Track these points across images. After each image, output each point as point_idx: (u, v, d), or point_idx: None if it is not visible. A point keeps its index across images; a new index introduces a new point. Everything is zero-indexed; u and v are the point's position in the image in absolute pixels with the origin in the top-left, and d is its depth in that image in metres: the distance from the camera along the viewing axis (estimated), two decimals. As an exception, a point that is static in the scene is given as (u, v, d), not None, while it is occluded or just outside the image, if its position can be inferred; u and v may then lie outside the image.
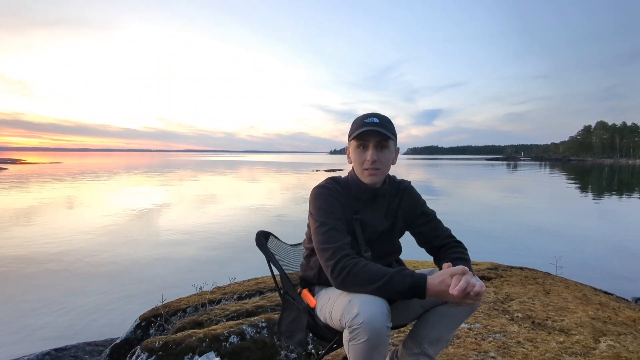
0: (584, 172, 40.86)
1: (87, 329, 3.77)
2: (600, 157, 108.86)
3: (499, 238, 8.11)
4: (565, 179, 29.72)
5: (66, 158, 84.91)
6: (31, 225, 8.79)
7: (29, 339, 3.56)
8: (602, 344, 1.98)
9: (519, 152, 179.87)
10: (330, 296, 1.24)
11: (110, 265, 5.85)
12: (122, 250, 6.72)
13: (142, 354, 1.78)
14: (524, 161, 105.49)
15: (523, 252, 6.84)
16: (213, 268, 5.73)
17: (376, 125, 1.23)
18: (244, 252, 6.65)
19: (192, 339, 1.86)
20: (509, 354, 1.87)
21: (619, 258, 6.56)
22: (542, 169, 50.18)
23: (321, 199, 1.27)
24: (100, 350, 2.82)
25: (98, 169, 37.35)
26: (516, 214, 11.58)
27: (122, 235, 7.91)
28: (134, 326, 2.40)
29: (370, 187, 1.30)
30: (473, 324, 2.28)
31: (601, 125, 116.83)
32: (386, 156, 1.27)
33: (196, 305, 2.55)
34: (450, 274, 1.05)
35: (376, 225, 1.34)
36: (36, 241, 7.18)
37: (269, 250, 1.47)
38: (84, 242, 7.19)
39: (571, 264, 5.13)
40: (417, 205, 1.41)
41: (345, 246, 1.18)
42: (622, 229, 9.52)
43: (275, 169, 41.86)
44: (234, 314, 2.32)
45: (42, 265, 5.78)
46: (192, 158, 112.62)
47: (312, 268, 1.37)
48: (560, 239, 7.98)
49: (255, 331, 1.98)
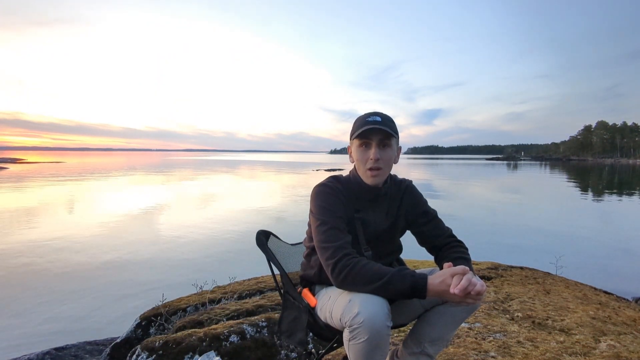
0: (584, 172, 40.82)
1: (87, 328, 3.77)
2: (601, 156, 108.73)
3: (499, 238, 8.10)
4: (566, 178, 29.70)
5: (66, 157, 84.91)
6: (31, 224, 8.80)
7: (30, 338, 3.56)
8: (603, 344, 1.98)
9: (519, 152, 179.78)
10: (330, 295, 1.24)
11: (111, 264, 5.85)
12: (123, 249, 6.72)
13: (143, 353, 1.78)
14: (524, 161, 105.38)
15: (523, 252, 6.84)
16: (213, 267, 5.74)
17: (378, 123, 1.23)
18: (245, 252, 6.65)
19: (192, 338, 1.86)
20: (509, 353, 1.87)
21: (619, 258, 6.55)
22: (543, 168, 50.15)
23: (322, 197, 1.27)
24: (100, 349, 2.82)
25: (98, 168, 37.36)
26: (516, 214, 11.58)
27: (123, 235, 7.91)
28: (134, 325, 2.40)
29: (372, 187, 1.30)
30: (473, 323, 2.28)
31: (602, 125, 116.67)
32: (388, 155, 1.27)
33: (196, 305, 2.55)
34: (451, 273, 1.05)
35: (377, 224, 1.34)
36: (37, 241, 7.19)
37: (270, 249, 1.47)
38: (85, 242, 7.20)
39: (571, 264, 5.13)
40: (419, 205, 1.41)
41: (346, 245, 1.18)
42: (622, 228, 9.51)
43: (276, 169, 41.85)
44: (234, 313, 2.32)
45: (42, 264, 5.78)
46: (193, 157, 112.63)
47: (313, 267, 1.37)
48: (561, 239, 7.97)
49: (256, 330, 1.98)
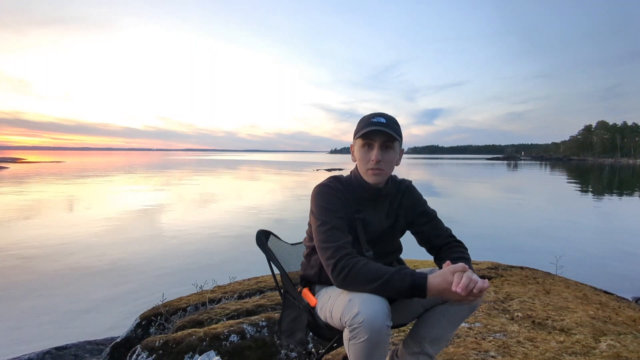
0: (585, 172, 40.81)
1: (87, 327, 3.78)
2: (601, 156, 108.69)
3: (499, 237, 8.10)
4: (566, 178, 29.69)
5: (67, 157, 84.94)
6: (32, 224, 8.80)
7: (30, 337, 3.57)
8: (603, 344, 1.98)
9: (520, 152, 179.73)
10: (330, 295, 1.24)
11: (111, 263, 5.85)
12: (123, 249, 6.73)
13: (143, 353, 1.78)
14: (525, 161, 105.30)
15: (523, 252, 6.84)
16: (213, 267, 5.74)
17: (382, 125, 1.23)
18: (245, 251, 6.65)
19: (192, 337, 1.86)
20: (509, 353, 1.87)
21: (619, 258, 6.55)
22: (543, 168, 50.14)
23: (323, 197, 1.27)
24: (100, 349, 2.82)
25: (99, 167, 37.36)
26: (516, 214, 11.57)
27: (123, 234, 7.92)
28: (134, 325, 2.40)
29: (373, 187, 1.30)
30: (473, 323, 2.28)
31: (602, 125, 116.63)
32: (390, 156, 1.27)
33: (196, 304, 2.55)
34: (451, 271, 1.05)
35: (378, 224, 1.34)
36: (37, 240, 7.19)
37: (270, 249, 1.47)
38: (85, 241, 7.20)
39: (571, 264, 5.13)
40: (418, 205, 1.41)
41: (346, 245, 1.17)
42: (623, 228, 9.51)
43: (276, 168, 41.85)
44: (234, 313, 2.32)
45: (42, 263, 5.79)
46: (193, 157, 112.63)
47: (313, 267, 1.37)
48: (561, 239, 7.97)
49: (256, 330, 1.98)
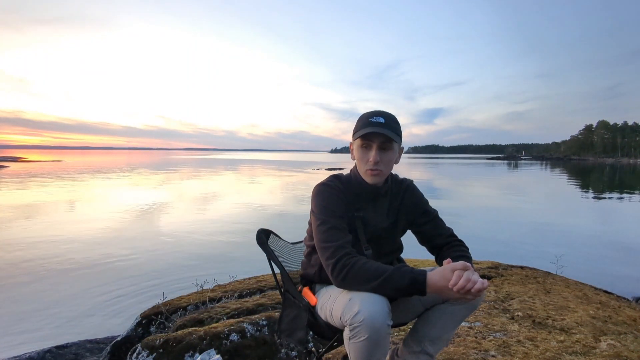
0: (585, 172, 40.77)
1: (88, 326, 3.78)
2: (602, 156, 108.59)
3: (499, 237, 8.09)
4: (566, 178, 29.67)
5: (67, 156, 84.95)
6: (32, 223, 8.80)
7: (31, 336, 3.57)
8: (603, 343, 1.98)
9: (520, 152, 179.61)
10: (330, 294, 1.24)
11: (112, 262, 5.86)
12: (123, 247, 6.73)
13: (143, 352, 1.78)
14: (525, 160, 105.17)
15: (523, 251, 6.83)
16: (214, 266, 5.74)
17: (381, 125, 1.22)
18: (245, 250, 6.65)
19: (192, 336, 1.86)
20: (509, 352, 1.88)
21: (620, 257, 6.54)
22: (543, 168, 50.08)
23: (323, 197, 1.26)
24: (101, 347, 2.83)
25: (99, 167, 37.38)
26: (517, 213, 11.56)
27: (123, 233, 7.92)
28: (134, 324, 2.41)
29: (373, 186, 1.30)
30: (473, 322, 2.28)
31: (602, 125, 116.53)
32: (389, 157, 1.27)
33: (197, 303, 2.56)
34: (451, 268, 1.05)
35: (378, 223, 1.34)
36: (37, 239, 7.20)
37: (270, 248, 1.47)
38: (85, 240, 7.20)
39: (572, 263, 5.12)
40: (419, 204, 1.41)
41: (346, 245, 1.17)
42: (623, 228, 9.50)
43: (276, 168, 41.84)
44: (234, 312, 2.33)
45: (43, 263, 5.79)
46: (193, 156, 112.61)
47: (313, 266, 1.37)
48: (561, 238, 7.96)
49: (256, 329, 1.98)
